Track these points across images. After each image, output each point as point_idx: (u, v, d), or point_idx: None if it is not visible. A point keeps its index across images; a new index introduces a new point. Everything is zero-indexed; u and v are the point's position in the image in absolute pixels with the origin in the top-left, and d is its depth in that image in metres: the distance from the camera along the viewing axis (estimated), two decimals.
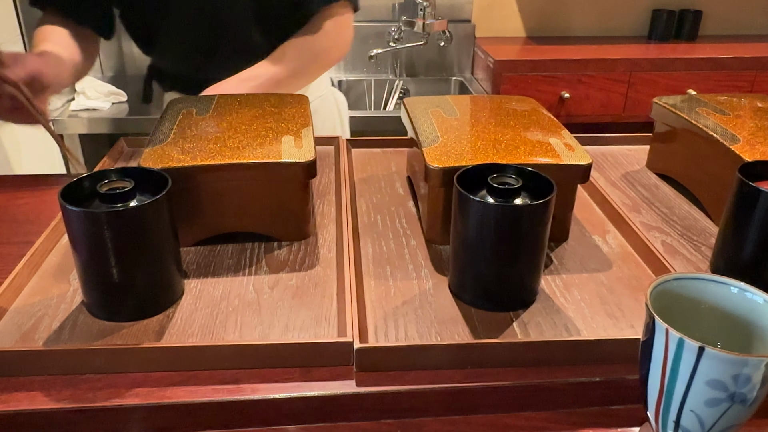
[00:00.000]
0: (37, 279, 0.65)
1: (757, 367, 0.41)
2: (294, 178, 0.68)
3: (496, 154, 0.68)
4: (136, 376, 0.53)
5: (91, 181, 0.58)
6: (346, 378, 0.54)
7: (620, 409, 0.55)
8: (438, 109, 0.81)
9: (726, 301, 0.48)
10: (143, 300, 0.59)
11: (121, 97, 1.95)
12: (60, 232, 0.72)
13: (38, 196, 0.86)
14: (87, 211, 0.54)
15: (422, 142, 0.72)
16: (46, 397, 0.51)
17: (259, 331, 0.58)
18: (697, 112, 0.83)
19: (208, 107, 0.81)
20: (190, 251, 0.70)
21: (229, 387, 0.53)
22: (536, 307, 0.61)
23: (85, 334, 0.57)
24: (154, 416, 0.52)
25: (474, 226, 0.58)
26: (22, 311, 0.60)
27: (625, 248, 0.72)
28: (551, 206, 0.57)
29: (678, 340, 0.42)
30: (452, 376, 0.54)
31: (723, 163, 0.74)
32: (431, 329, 0.58)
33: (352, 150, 0.97)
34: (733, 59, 2.15)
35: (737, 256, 0.63)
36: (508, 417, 0.54)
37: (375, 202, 0.82)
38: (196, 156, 0.67)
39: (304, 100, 0.85)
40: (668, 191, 0.87)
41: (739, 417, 0.44)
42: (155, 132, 0.74)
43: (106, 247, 0.55)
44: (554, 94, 2.12)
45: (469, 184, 0.60)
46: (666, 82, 2.15)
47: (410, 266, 0.68)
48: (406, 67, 2.35)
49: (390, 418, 0.53)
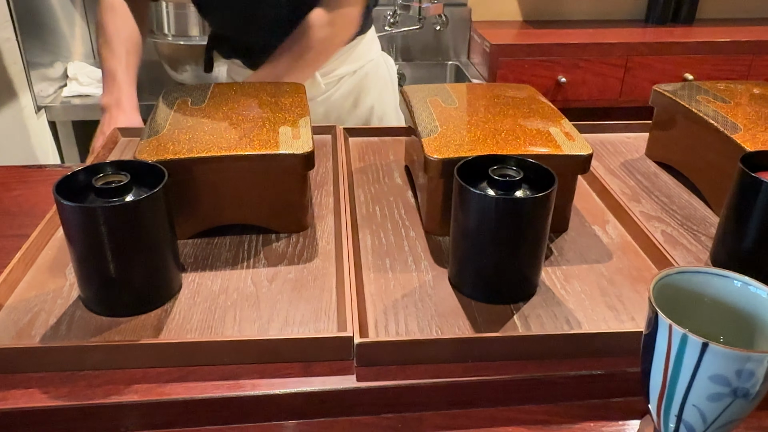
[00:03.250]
0: (33, 273, 0.64)
1: (760, 363, 0.41)
2: (292, 170, 0.67)
3: (496, 145, 0.68)
4: (134, 373, 0.53)
5: (86, 174, 0.57)
6: (347, 373, 0.53)
7: (621, 401, 0.55)
8: (436, 98, 0.81)
9: (729, 295, 0.47)
10: (141, 295, 0.58)
11: None
12: (55, 225, 0.71)
13: (32, 187, 0.84)
14: (83, 206, 0.53)
15: (421, 132, 0.71)
16: (44, 395, 0.51)
17: (258, 325, 0.57)
18: (697, 100, 0.82)
19: (204, 97, 0.80)
20: (188, 244, 0.69)
21: (229, 383, 0.52)
22: (537, 300, 0.61)
23: (83, 330, 0.56)
24: (153, 413, 0.51)
25: (474, 219, 0.57)
26: (18, 307, 0.59)
27: (625, 238, 0.72)
28: (552, 199, 0.57)
29: (681, 335, 0.41)
30: (453, 370, 0.54)
31: (723, 152, 0.73)
32: (431, 323, 0.58)
33: (349, 139, 0.96)
34: (731, 43, 2.14)
35: (738, 247, 0.63)
36: (508, 410, 0.54)
37: (373, 192, 0.81)
38: (192, 148, 0.66)
39: (300, 89, 0.84)
40: (668, 180, 0.86)
41: (741, 411, 0.43)
42: (150, 122, 0.73)
43: (103, 243, 0.54)
44: (551, 79, 2.11)
45: (469, 175, 0.59)
46: (663, 66, 2.13)
47: (410, 258, 0.67)
48: (402, 52, 2.33)
49: (390, 413, 0.53)
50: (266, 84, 0.85)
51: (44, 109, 1.81)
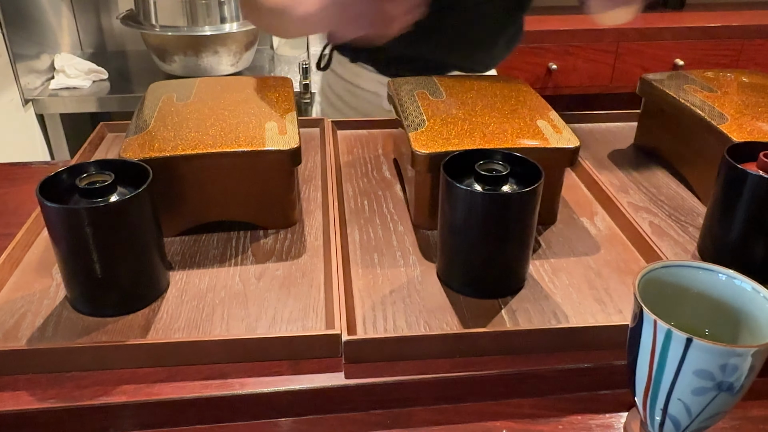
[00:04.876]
0: (19, 274, 0.64)
1: (744, 357, 0.41)
2: (279, 166, 0.67)
3: (483, 138, 0.67)
4: (122, 373, 0.53)
5: (69, 174, 0.57)
6: (335, 370, 0.53)
7: (608, 394, 0.55)
8: (424, 91, 0.80)
9: (714, 288, 0.48)
10: (128, 295, 0.58)
11: (101, 75, 1.91)
12: (41, 224, 0.70)
13: (18, 185, 0.84)
14: (67, 208, 0.53)
15: (408, 126, 0.71)
16: (31, 397, 0.51)
17: (246, 323, 0.57)
18: (684, 89, 0.82)
19: (189, 92, 0.79)
20: (175, 241, 0.69)
21: (217, 382, 0.52)
22: (524, 294, 0.61)
23: (70, 331, 0.56)
24: (142, 413, 0.51)
25: (462, 215, 0.57)
26: (4, 308, 0.59)
27: (612, 230, 0.72)
28: (539, 193, 0.57)
29: (666, 331, 0.42)
30: (441, 365, 0.54)
31: (710, 142, 0.73)
32: (419, 318, 0.58)
33: (337, 131, 0.96)
34: (721, 28, 2.14)
35: (724, 239, 0.63)
36: (497, 405, 0.54)
37: (362, 186, 0.81)
38: (177, 145, 0.65)
39: (287, 83, 0.83)
40: (656, 170, 0.86)
41: (725, 404, 0.44)
42: (136, 119, 0.73)
43: (88, 243, 0.54)
44: (542, 66, 2.10)
45: (456, 169, 0.59)
46: (653, 51, 2.13)
47: (398, 253, 0.67)
48: None
49: (379, 409, 0.53)
50: (252, 78, 0.85)
51: (32, 102, 1.79)
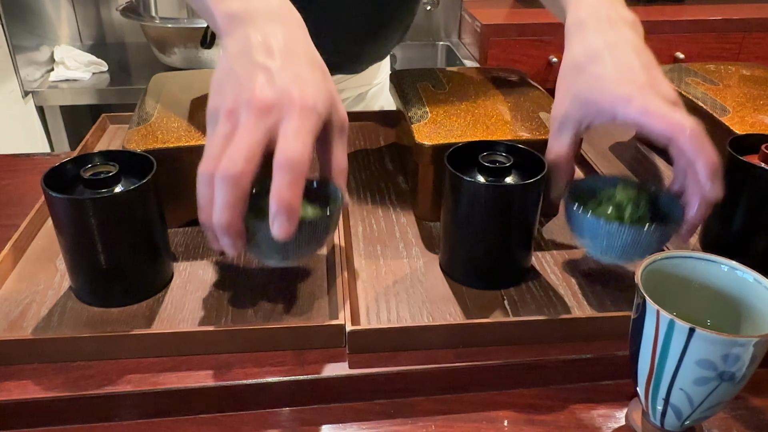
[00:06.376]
0: (23, 264, 0.64)
1: (746, 347, 0.41)
2: None
3: (486, 130, 0.68)
4: (127, 363, 0.53)
5: (74, 165, 0.57)
6: (339, 360, 0.54)
7: (610, 384, 0.55)
8: (426, 83, 0.80)
9: (716, 279, 0.48)
10: (132, 285, 0.58)
11: (101, 67, 1.91)
12: (45, 215, 0.71)
13: (20, 176, 0.84)
14: (72, 198, 0.53)
15: (411, 117, 0.71)
16: (37, 386, 0.51)
17: (250, 313, 0.58)
18: (686, 82, 0.82)
19: (192, 84, 0.79)
20: (178, 232, 0.69)
21: (222, 371, 0.52)
22: (527, 285, 0.62)
23: (75, 321, 0.56)
24: (147, 402, 0.51)
25: (465, 206, 0.58)
26: (9, 298, 0.59)
27: None
28: (542, 185, 0.57)
29: (668, 321, 0.42)
30: (444, 356, 0.54)
31: (712, 134, 0.73)
32: (423, 309, 0.58)
33: None
34: (722, 21, 2.13)
35: (726, 231, 0.64)
36: (499, 395, 0.54)
37: (364, 178, 0.81)
38: (181, 136, 0.65)
39: None
40: (657, 162, 0.86)
41: (727, 394, 0.44)
42: (138, 111, 0.73)
43: (93, 234, 0.54)
44: (543, 59, 2.10)
45: (459, 161, 0.59)
46: (654, 45, 2.10)
47: (401, 244, 0.68)
48: None
49: (383, 399, 0.54)
50: None
51: (31, 94, 1.79)
